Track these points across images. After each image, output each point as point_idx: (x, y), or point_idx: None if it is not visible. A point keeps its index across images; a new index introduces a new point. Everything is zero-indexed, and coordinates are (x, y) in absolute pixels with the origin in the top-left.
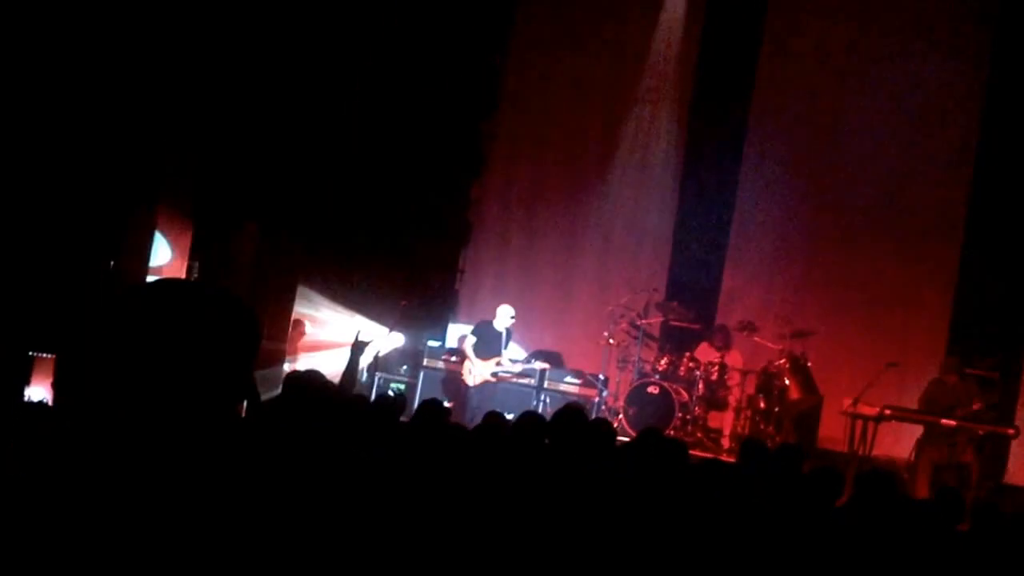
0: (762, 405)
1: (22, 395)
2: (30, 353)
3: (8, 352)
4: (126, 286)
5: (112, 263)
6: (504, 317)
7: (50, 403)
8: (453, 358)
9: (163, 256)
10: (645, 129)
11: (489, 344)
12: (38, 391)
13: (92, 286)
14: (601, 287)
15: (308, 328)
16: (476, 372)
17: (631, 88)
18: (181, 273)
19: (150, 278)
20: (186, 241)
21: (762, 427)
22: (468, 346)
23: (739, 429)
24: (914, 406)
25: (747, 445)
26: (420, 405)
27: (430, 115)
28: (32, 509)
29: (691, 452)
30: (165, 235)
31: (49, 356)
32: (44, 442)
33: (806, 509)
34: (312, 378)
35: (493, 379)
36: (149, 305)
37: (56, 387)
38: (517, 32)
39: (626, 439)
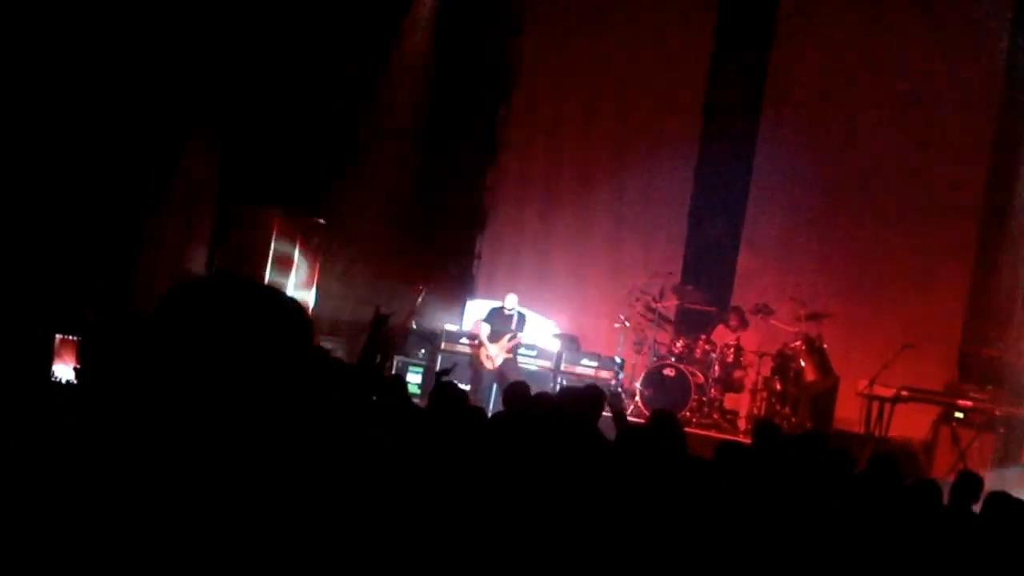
0: (778, 387)
1: (49, 374)
2: (55, 335)
3: (33, 333)
4: (179, 281)
5: (134, 249)
6: (511, 302)
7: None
8: (475, 341)
9: (184, 241)
10: (660, 111)
11: (501, 328)
12: (63, 370)
13: (115, 273)
14: (616, 270)
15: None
16: (492, 355)
17: (646, 71)
18: (202, 258)
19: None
20: (206, 228)
21: (778, 409)
22: (481, 333)
23: (755, 411)
24: (930, 387)
25: (761, 427)
26: (437, 387)
27: (446, 101)
28: (57, 492)
29: (707, 434)
30: (187, 221)
31: (73, 338)
32: (72, 423)
33: (818, 490)
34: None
35: (510, 355)
36: (206, 300)
37: (81, 370)
38: (532, 17)
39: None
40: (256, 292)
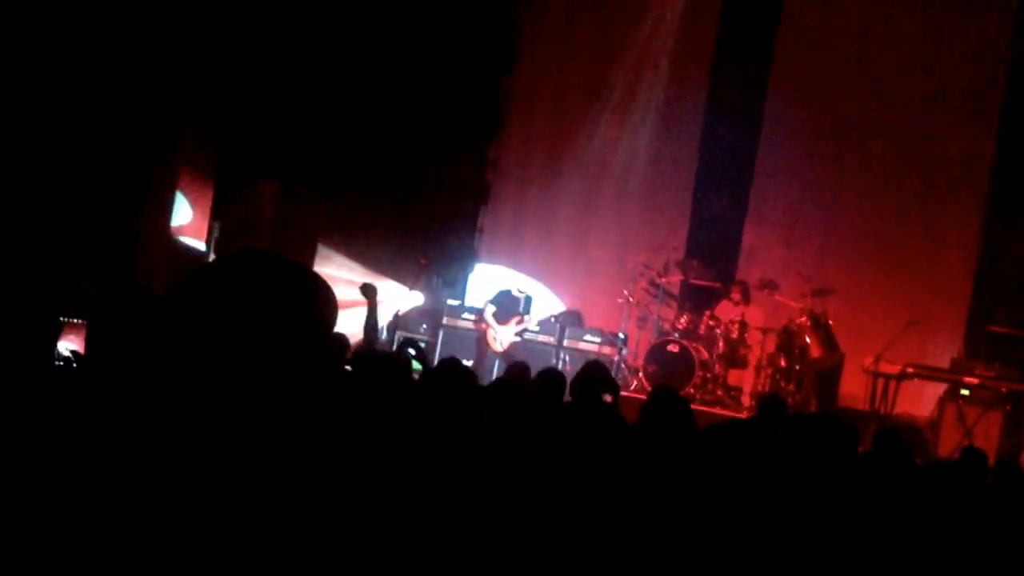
0: (783, 363)
1: (52, 359)
2: (60, 319)
3: (36, 317)
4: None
5: (133, 224)
6: (518, 285)
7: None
8: (481, 322)
9: (184, 216)
10: (665, 83)
11: (508, 311)
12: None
13: (115, 248)
14: (620, 245)
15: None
16: (500, 338)
17: (651, 41)
18: (202, 233)
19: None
20: (207, 201)
21: (783, 385)
22: (488, 315)
23: (759, 387)
24: (936, 364)
25: (766, 401)
26: (439, 363)
27: (447, 71)
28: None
29: (711, 411)
30: (186, 195)
31: (78, 321)
32: (82, 411)
33: (820, 466)
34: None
35: (518, 339)
36: (231, 276)
37: (88, 352)
38: None
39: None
40: (286, 270)
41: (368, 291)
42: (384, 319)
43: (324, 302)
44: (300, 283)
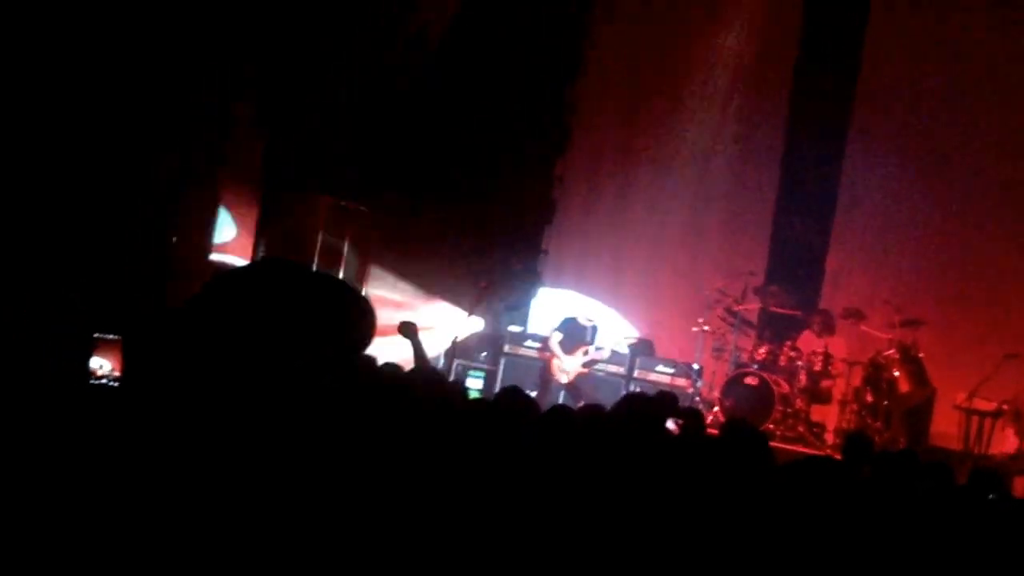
0: (869, 398)
1: (87, 376)
2: (94, 335)
3: (72, 334)
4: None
5: (174, 240)
6: (586, 313)
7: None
8: (546, 350)
9: (228, 233)
10: (743, 99)
11: (575, 339)
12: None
13: (154, 265)
14: (694, 269)
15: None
16: (566, 367)
17: (728, 56)
18: (247, 251)
19: (214, 256)
20: (252, 217)
21: (869, 422)
22: (554, 343)
23: (844, 424)
24: None
25: (852, 439)
26: (500, 392)
27: (510, 82)
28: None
29: (792, 448)
30: (230, 211)
31: (114, 338)
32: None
33: (911, 507)
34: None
35: (585, 370)
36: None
37: (125, 369)
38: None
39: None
40: (306, 281)
41: (407, 330)
42: (440, 346)
43: (356, 314)
44: (325, 292)
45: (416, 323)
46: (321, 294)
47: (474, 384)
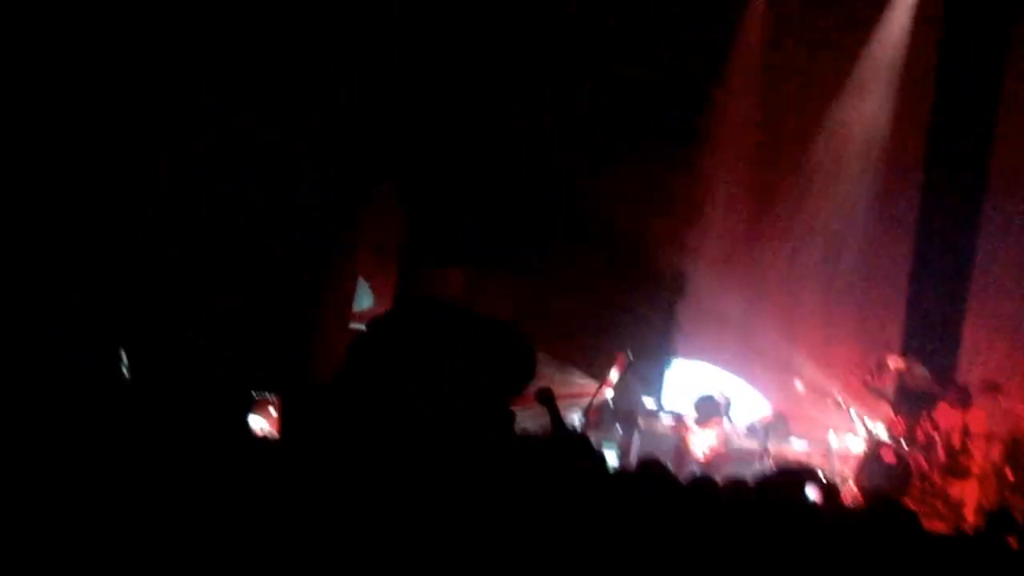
0: (1010, 475)
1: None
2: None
3: (233, 392)
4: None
5: (313, 310)
6: (719, 388)
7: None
8: (681, 424)
9: (365, 302)
10: (875, 160)
11: (709, 414)
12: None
13: (302, 330)
14: (828, 341)
15: None
16: (700, 441)
17: (863, 123)
18: None
19: (353, 325)
20: (389, 287)
21: (1010, 500)
22: (689, 419)
23: (984, 501)
24: None
25: (994, 517)
26: (641, 464)
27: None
28: None
29: (931, 525)
30: (367, 281)
31: (270, 396)
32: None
33: None
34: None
35: (721, 447)
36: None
37: (284, 426)
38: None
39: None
40: (459, 321)
41: (544, 397)
42: (574, 416)
43: (515, 355)
44: (480, 332)
45: (552, 390)
46: (476, 333)
47: (608, 457)
